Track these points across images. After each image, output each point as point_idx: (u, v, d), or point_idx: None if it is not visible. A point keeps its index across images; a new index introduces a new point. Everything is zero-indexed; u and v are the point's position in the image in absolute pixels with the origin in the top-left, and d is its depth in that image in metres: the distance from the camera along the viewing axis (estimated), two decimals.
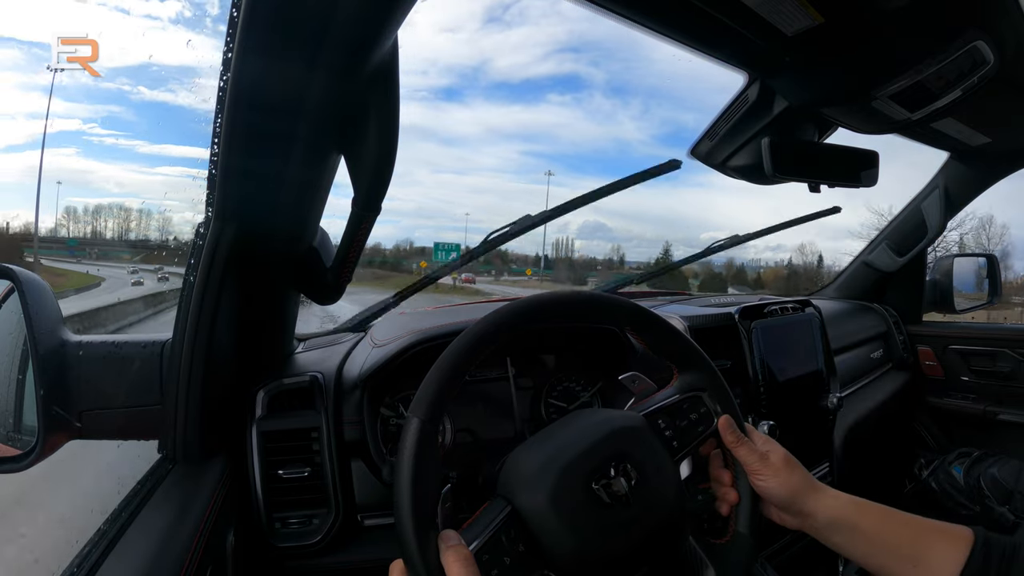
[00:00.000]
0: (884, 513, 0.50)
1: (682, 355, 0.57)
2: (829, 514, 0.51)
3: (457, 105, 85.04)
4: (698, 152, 0.94)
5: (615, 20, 0.62)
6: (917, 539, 0.48)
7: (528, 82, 32.91)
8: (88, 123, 68.17)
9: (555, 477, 0.45)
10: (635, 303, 0.56)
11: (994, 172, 1.36)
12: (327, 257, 0.73)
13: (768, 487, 0.51)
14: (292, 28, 0.43)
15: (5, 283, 0.62)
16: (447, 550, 0.40)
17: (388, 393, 0.80)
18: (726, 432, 0.54)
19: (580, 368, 0.91)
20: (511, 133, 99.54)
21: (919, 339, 1.57)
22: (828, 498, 0.51)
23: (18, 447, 0.59)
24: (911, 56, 0.66)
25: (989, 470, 1.31)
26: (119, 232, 30.81)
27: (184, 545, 0.51)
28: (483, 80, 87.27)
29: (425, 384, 0.45)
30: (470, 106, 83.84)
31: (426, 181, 66.52)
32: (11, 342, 0.62)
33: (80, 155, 45.58)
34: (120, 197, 11.90)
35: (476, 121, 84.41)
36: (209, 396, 0.63)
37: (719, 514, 0.54)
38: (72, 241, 28.02)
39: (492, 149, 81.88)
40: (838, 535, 0.51)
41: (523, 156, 71.86)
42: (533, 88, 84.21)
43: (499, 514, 0.44)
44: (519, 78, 40.06)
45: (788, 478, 0.52)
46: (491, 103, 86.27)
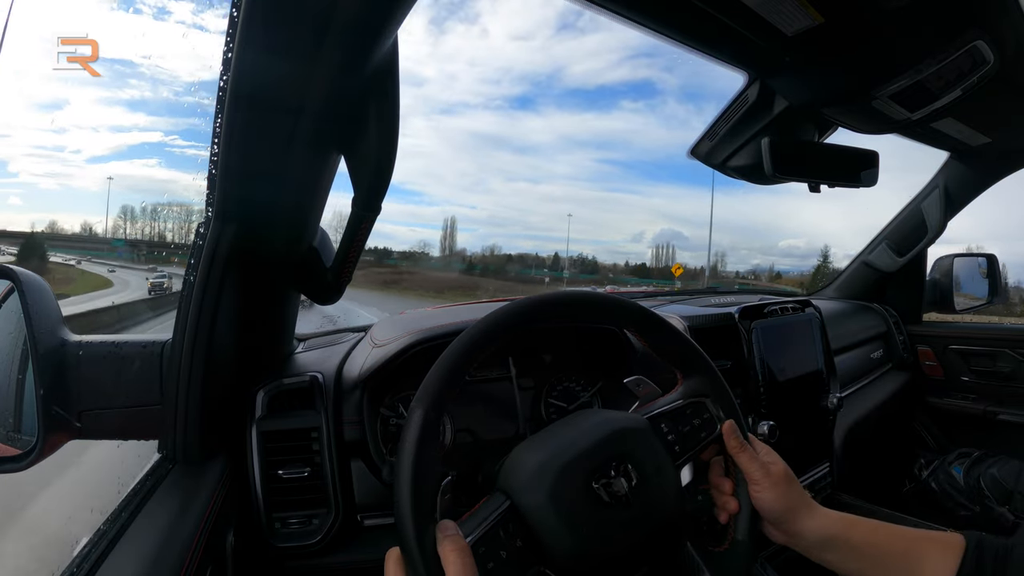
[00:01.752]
0: (874, 527, 0.50)
1: (686, 359, 0.57)
2: (820, 533, 0.50)
3: (531, 113, 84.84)
4: (698, 152, 0.94)
5: (616, 20, 0.62)
6: (909, 550, 0.48)
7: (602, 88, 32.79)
8: (170, 135, 69.49)
9: (555, 475, 0.45)
10: (638, 303, 0.56)
11: (994, 172, 1.36)
12: (327, 257, 0.73)
13: (764, 500, 0.51)
14: (291, 28, 0.43)
15: (5, 283, 0.62)
16: (444, 540, 0.40)
17: (388, 393, 0.80)
18: (729, 437, 0.53)
19: (580, 368, 0.91)
20: (584, 140, 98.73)
21: (919, 339, 1.57)
22: (819, 517, 0.51)
23: (18, 447, 0.59)
24: (911, 56, 0.66)
25: (989, 470, 1.31)
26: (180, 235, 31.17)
27: (184, 545, 0.51)
28: (556, 87, 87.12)
29: (426, 382, 0.45)
30: (543, 114, 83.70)
31: (500, 189, 66.73)
32: (11, 342, 0.62)
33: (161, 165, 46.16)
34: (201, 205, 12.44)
35: (549, 129, 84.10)
36: (209, 396, 0.63)
37: (717, 521, 0.54)
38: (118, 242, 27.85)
39: (565, 157, 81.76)
40: (830, 552, 0.50)
41: (596, 163, 71.54)
42: (607, 95, 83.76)
43: (498, 508, 0.44)
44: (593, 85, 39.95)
45: (785, 493, 0.51)
46: (564, 111, 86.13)
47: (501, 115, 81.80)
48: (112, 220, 31.96)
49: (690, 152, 0.95)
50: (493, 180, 71.55)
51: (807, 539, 0.51)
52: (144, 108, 68.54)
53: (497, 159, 61.30)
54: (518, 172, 60.92)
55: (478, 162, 44.48)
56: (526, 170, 70.16)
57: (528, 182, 63.90)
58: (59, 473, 1.95)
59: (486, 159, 57.72)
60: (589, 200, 68.03)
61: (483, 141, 63.34)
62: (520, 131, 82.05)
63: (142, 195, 43.06)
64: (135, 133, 73.61)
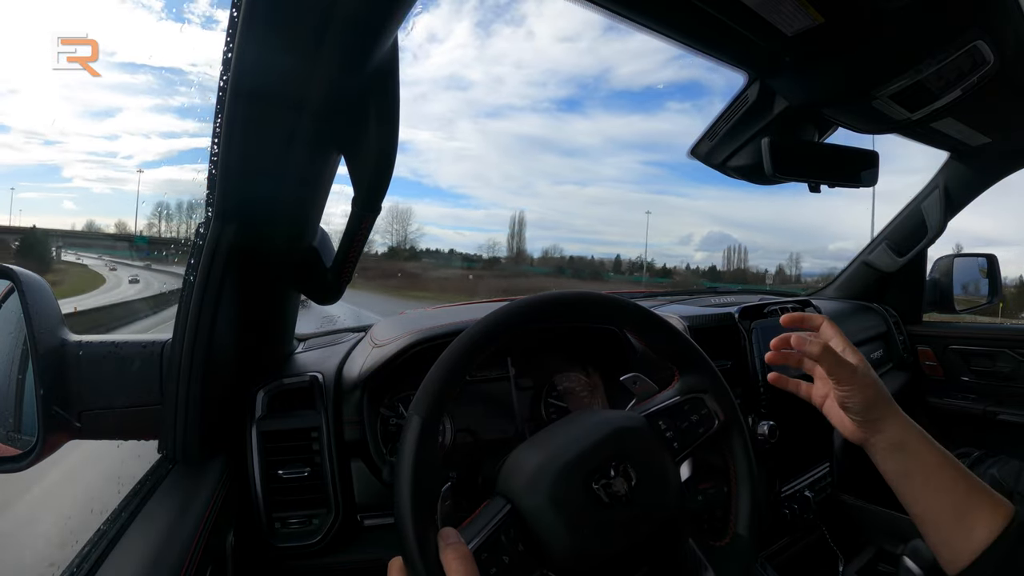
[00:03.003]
0: (943, 456, 0.50)
1: (683, 356, 0.57)
2: (898, 434, 0.51)
3: (577, 116, 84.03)
4: (698, 152, 0.94)
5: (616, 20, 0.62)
6: (968, 494, 0.48)
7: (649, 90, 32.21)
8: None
9: (555, 477, 0.45)
10: (636, 303, 0.56)
11: (994, 172, 1.36)
12: (327, 257, 0.73)
13: (850, 400, 0.51)
14: (291, 27, 0.43)
15: (5, 283, 0.62)
16: (446, 548, 0.40)
17: (388, 393, 0.80)
18: (834, 334, 0.54)
19: (580, 368, 0.91)
20: (631, 143, 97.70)
21: (919, 339, 1.57)
22: (901, 421, 0.51)
23: (18, 447, 0.59)
24: (911, 56, 0.66)
25: (989, 470, 1.31)
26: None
27: (184, 545, 0.51)
28: (603, 89, 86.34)
29: (426, 383, 0.45)
30: (590, 116, 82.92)
31: (547, 192, 66.32)
32: (11, 342, 0.62)
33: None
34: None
35: (596, 131, 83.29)
36: (209, 396, 0.63)
37: (718, 516, 0.54)
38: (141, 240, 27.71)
39: (612, 159, 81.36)
40: (898, 458, 0.50)
41: (643, 166, 70.90)
42: (653, 96, 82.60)
43: (498, 513, 0.44)
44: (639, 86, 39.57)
45: (873, 390, 0.51)
46: (610, 112, 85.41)
47: (548, 117, 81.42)
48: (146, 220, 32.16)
49: (690, 152, 0.95)
50: (540, 183, 71.31)
51: (884, 435, 0.51)
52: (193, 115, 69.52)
53: (544, 162, 61.15)
54: (565, 175, 60.67)
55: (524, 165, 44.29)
56: (573, 173, 69.82)
57: (575, 185, 63.59)
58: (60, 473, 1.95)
59: (532, 162, 57.76)
60: (636, 202, 67.82)
61: (529, 144, 63.34)
62: (566, 133, 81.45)
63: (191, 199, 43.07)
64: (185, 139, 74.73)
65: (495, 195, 69.67)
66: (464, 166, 67.46)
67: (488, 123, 74.28)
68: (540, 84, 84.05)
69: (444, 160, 67.85)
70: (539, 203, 64.44)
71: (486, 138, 70.93)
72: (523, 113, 34.97)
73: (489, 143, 70.29)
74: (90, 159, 72.73)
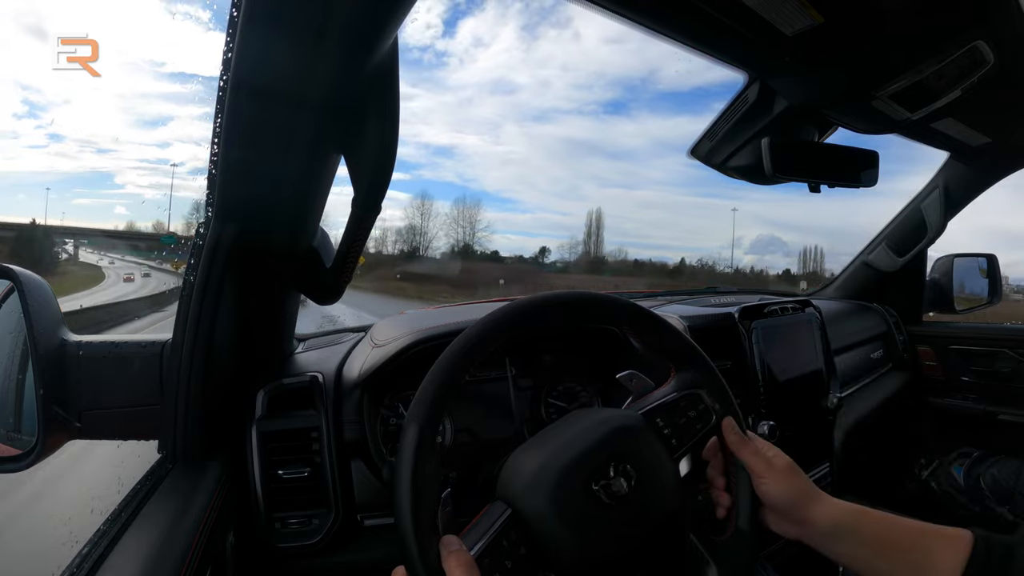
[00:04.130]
0: (883, 518, 0.50)
1: (678, 353, 0.57)
2: (830, 521, 0.50)
3: (624, 118, 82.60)
4: (698, 152, 0.94)
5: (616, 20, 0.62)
6: (918, 542, 0.48)
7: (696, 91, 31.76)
8: None
9: (554, 479, 0.45)
10: (632, 302, 0.56)
11: (994, 172, 1.36)
12: (327, 257, 0.73)
13: (771, 492, 0.51)
14: (291, 27, 0.43)
15: (5, 283, 0.62)
16: (449, 556, 0.40)
17: (388, 393, 0.80)
18: (729, 433, 0.53)
19: (580, 367, 0.91)
20: (678, 145, 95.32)
21: (919, 339, 1.57)
22: (829, 505, 0.51)
23: (18, 447, 0.59)
24: (911, 56, 0.66)
25: (989, 470, 1.31)
26: None
27: (184, 545, 0.51)
28: (650, 91, 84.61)
29: (422, 389, 0.45)
30: (636, 119, 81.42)
31: (593, 196, 65.34)
32: (11, 342, 0.62)
33: None
34: None
35: (643, 133, 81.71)
36: (209, 396, 0.63)
37: (718, 513, 0.54)
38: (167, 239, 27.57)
39: (658, 162, 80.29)
40: (840, 542, 0.50)
41: (689, 168, 70.23)
42: (700, 96, 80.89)
43: (499, 517, 0.44)
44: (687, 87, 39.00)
45: (792, 483, 0.51)
46: (657, 115, 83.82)
47: (594, 120, 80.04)
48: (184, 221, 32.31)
49: (690, 152, 0.95)
50: (586, 186, 70.32)
51: (818, 528, 0.50)
52: None
53: (590, 165, 60.26)
54: (611, 178, 59.69)
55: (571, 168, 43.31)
56: (619, 176, 68.80)
57: (622, 188, 62.60)
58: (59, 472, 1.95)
59: (579, 165, 56.96)
60: (683, 205, 66.76)
61: (576, 147, 62.63)
62: (613, 136, 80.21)
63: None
64: None
65: (542, 199, 69.17)
66: (510, 170, 67.29)
67: (534, 127, 73.56)
68: (586, 87, 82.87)
69: (490, 164, 67.29)
70: (586, 207, 63.97)
71: (532, 142, 70.35)
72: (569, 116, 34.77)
73: (535, 147, 69.74)
74: (142, 166, 73.62)
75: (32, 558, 1.74)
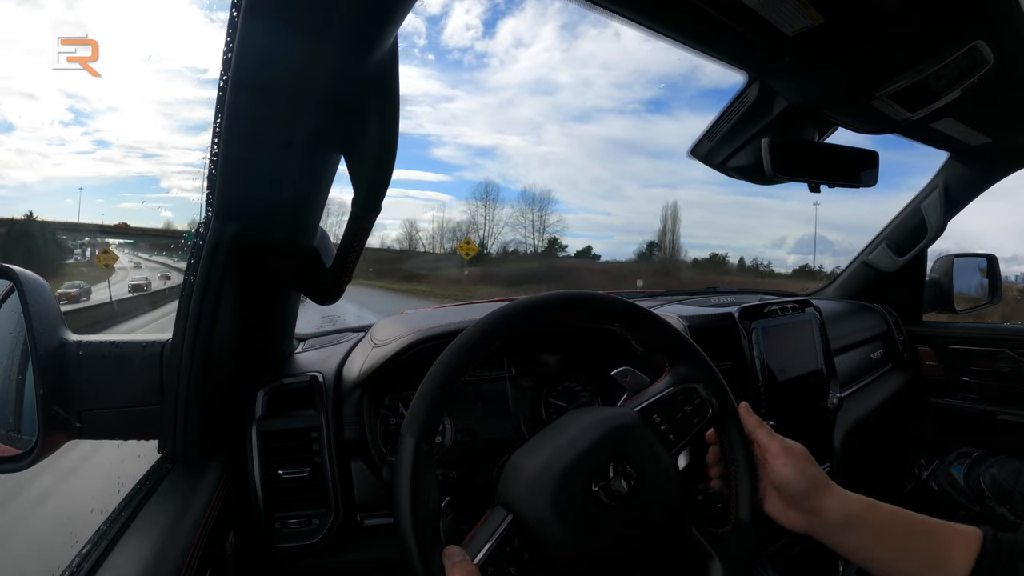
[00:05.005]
0: (895, 512, 0.50)
1: (672, 347, 0.57)
2: (843, 512, 0.50)
3: (664, 117, 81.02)
4: (698, 152, 0.94)
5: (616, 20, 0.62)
6: (929, 538, 0.48)
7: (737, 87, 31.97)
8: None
9: (554, 482, 0.45)
10: (627, 300, 0.56)
11: (994, 172, 1.36)
12: (327, 257, 0.73)
13: (786, 474, 0.51)
14: (291, 27, 0.43)
15: (5, 283, 0.62)
16: (452, 567, 0.40)
17: (388, 393, 0.80)
18: (747, 416, 0.54)
19: (580, 367, 0.91)
20: None
21: (919, 339, 1.57)
22: (841, 496, 0.51)
23: (18, 447, 0.59)
24: (911, 56, 0.66)
25: (989, 470, 1.31)
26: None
27: (184, 545, 0.51)
28: (691, 88, 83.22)
29: (418, 398, 0.45)
30: (677, 118, 79.77)
31: (635, 196, 64.36)
32: (11, 342, 0.62)
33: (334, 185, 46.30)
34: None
35: (683, 132, 79.89)
36: (209, 396, 0.63)
37: (718, 504, 0.54)
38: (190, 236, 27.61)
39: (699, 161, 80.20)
40: (850, 534, 0.50)
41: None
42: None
43: (501, 524, 0.44)
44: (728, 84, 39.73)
45: (806, 469, 0.51)
46: (697, 113, 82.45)
47: (635, 119, 78.69)
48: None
49: (690, 152, 0.95)
50: (628, 186, 69.38)
51: (829, 518, 0.50)
52: None
53: (631, 165, 59.44)
54: (653, 177, 58.77)
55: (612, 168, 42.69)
56: (661, 175, 67.74)
57: (664, 187, 61.63)
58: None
59: (620, 165, 56.20)
60: (724, 205, 65.99)
61: (617, 147, 62.02)
62: (654, 135, 78.77)
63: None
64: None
65: (584, 199, 68.45)
66: (551, 170, 66.69)
67: (575, 127, 72.80)
68: (627, 86, 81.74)
69: (532, 165, 66.64)
70: (628, 207, 63.30)
71: (574, 142, 69.67)
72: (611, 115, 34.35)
73: (577, 147, 69.09)
74: (187, 170, 74.28)
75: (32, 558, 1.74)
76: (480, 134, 72.62)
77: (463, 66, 73.25)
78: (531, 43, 73.87)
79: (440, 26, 69.52)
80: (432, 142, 67.42)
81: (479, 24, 73.56)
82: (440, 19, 69.79)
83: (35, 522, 2.06)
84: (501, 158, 67.11)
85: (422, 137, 66.39)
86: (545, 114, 72.45)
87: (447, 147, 67.62)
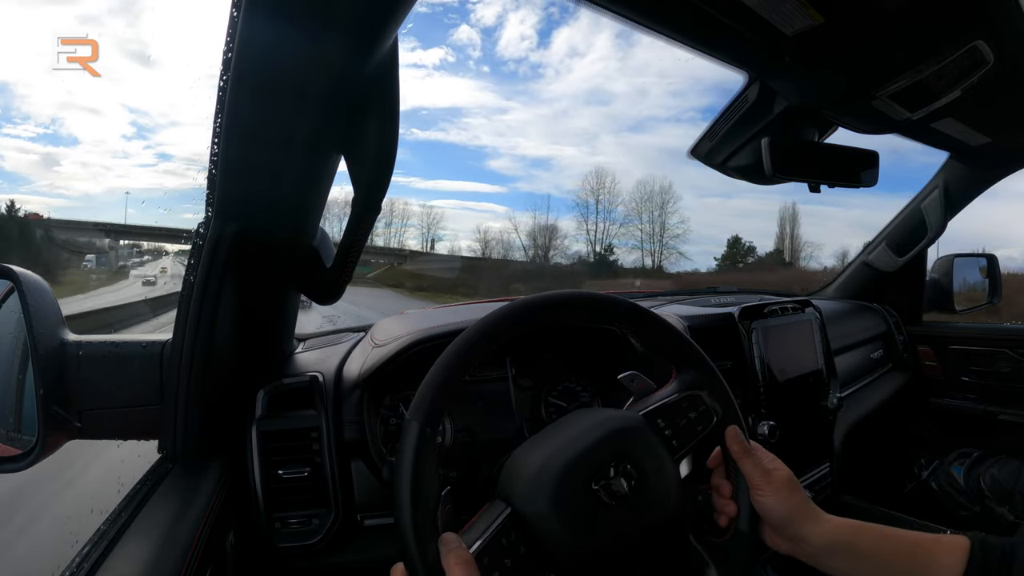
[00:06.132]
0: (879, 532, 0.50)
1: (679, 353, 0.57)
2: (826, 538, 0.50)
3: None
4: (698, 152, 0.94)
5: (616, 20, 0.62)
6: (915, 553, 0.48)
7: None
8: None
9: (555, 479, 0.45)
10: (631, 301, 0.56)
11: (994, 172, 1.36)
12: (327, 257, 0.73)
13: (767, 504, 0.51)
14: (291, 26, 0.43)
15: (5, 283, 0.62)
16: (448, 553, 0.40)
17: (388, 393, 0.80)
18: (732, 442, 0.53)
19: (580, 368, 0.91)
20: None
21: (919, 339, 1.57)
22: (824, 523, 0.51)
23: (18, 447, 0.59)
24: (911, 56, 0.66)
25: (989, 470, 1.31)
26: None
27: (184, 545, 0.51)
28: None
29: (423, 388, 0.45)
30: None
31: (692, 205, 63.54)
32: (11, 342, 0.62)
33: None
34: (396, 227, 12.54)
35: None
36: (209, 396, 0.63)
37: (716, 511, 0.54)
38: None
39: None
40: (836, 559, 0.50)
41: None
42: None
43: (499, 516, 0.44)
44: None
45: (788, 498, 0.51)
46: None
47: (690, 127, 77.29)
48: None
49: (690, 152, 0.95)
50: (684, 196, 68.50)
51: (812, 545, 0.50)
52: None
53: (686, 174, 58.66)
54: (708, 187, 57.81)
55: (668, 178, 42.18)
56: (716, 184, 66.48)
57: (720, 197, 60.63)
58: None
59: (675, 174, 55.48)
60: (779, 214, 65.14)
61: (671, 156, 61.23)
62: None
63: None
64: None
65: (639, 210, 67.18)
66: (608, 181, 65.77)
67: (630, 137, 71.87)
68: (682, 94, 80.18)
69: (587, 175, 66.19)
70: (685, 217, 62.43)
71: (629, 151, 68.70)
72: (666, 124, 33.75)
73: (632, 156, 68.16)
74: None
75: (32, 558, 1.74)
76: (535, 145, 71.61)
77: (518, 77, 72.47)
78: (586, 52, 72.94)
79: (495, 37, 67.96)
80: (488, 153, 66.00)
81: (533, 35, 72.52)
82: (495, 30, 68.23)
83: (35, 522, 2.06)
84: (556, 169, 66.37)
85: (478, 148, 64.60)
86: (600, 124, 71.41)
87: (503, 158, 66.78)
